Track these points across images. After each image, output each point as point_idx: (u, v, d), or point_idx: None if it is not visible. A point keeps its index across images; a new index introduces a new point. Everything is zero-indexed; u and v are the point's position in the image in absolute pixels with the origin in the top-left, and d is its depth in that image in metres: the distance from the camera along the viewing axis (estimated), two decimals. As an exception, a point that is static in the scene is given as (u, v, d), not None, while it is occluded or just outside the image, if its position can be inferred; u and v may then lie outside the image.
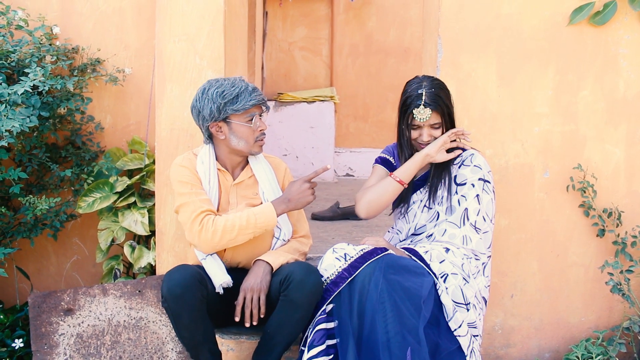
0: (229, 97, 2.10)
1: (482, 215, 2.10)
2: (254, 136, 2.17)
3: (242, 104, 2.11)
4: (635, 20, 2.47)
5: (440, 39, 2.45)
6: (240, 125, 2.14)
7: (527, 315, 2.56)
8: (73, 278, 3.02)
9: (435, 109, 2.09)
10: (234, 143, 2.17)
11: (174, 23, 2.50)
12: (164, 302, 2.02)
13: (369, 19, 5.29)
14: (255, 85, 2.18)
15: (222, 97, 2.11)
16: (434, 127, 2.12)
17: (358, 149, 5.31)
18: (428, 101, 2.07)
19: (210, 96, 2.12)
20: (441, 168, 2.16)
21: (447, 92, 2.16)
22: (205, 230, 2.09)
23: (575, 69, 2.49)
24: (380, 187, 2.18)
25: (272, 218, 2.13)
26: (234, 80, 2.15)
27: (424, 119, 2.09)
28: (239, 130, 2.15)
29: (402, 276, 1.95)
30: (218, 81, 2.16)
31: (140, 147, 2.84)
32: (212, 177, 2.21)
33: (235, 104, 2.11)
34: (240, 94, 2.11)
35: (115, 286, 2.26)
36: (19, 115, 2.38)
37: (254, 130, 2.15)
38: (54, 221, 2.78)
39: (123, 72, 2.86)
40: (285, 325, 2.06)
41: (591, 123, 2.51)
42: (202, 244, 2.11)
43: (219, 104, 2.11)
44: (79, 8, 2.89)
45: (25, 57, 2.65)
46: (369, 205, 2.19)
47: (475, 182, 2.11)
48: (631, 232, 2.51)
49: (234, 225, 2.09)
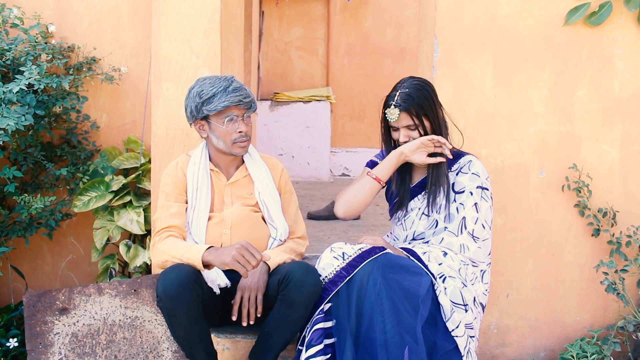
0: (205, 96, 2.10)
1: (480, 223, 2.08)
2: (231, 137, 2.14)
3: (215, 105, 2.09)
4: (630, 21, 2.48)
5: (437, 38, 2.46)
6: (217, 126, 2.14)
7: (523, 315, 2.57)
8: (68, 277, 3.01)
9: (405, 110, 2.05)
10: (214, 142, 2.18)
11: (170, 22, 2.49)
12: (159, 301, 2.02)
13: (365, 19, 5.30)
14: (242, 85, 2.15)
15: (199, 97, 2.11)
16: (410, 129, 2.10)
17: (354, 148, 5.31)
18: (399, 101, 2.05)
19: (191, 95, 2.14)
20: (438, 175, 2.12)
21: (427, 92, 2.09)
22: (155, 247, 2.15)
23: (571, 69, 2.50)
24: (358, 185, 2.17)
25: (197, 261, 2.03)
26: (216, 80, 2.13)
27: (392, 119, 2.08)
28: (217, 130, 2.15)
29: (400, 275, 1.95)
30: (204, 80, 2.15)
31: (136, 146, 2.83)
32: (202, 177, 2.20)
33: (209, 104, 2.10)
34: (217, 94, 2.09)
35: (110, 285, 2.26)
36: (14, 113, 2.37)
37: (229, 131, 2.13)
38: (49, 220, 2.77)
39: (119, 70, 2.85)
40: (283, 325, 2.05)
41: (587, 123, 2.52)
42: (153, 258, 2.19)
43: (197, 103, 2.12)
44: (74, 6, 2.88)
45: (20, 55, 2.64)
46: (346, 204, 2.16)
47: (474, 190, 2.10)
48: (626, 232, 2.52)
49: (171, 255, 2.08)
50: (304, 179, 5.01)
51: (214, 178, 2.24)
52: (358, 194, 2.16)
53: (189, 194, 2.22)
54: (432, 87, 2.13)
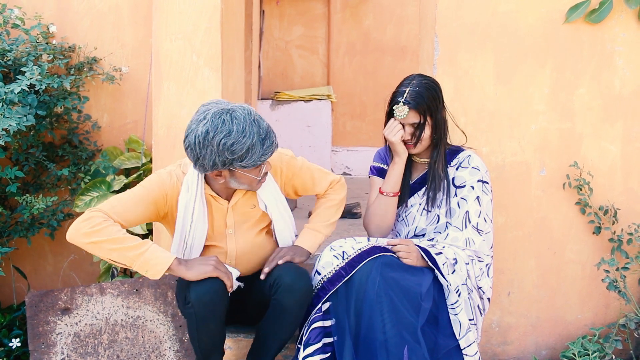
0: (238, 152, 1.80)
1: (483, 216, 2.10)
2: (257, 181, 1.96)
3: (254, 160, 1.83)
4: (631, 18, 2.47)
5: (437, 37, 2.46)
6: (243, 175, 1.90)
7: (524, 313, 2.57)
8: (70, 277, 3.02)
9: (414, 108, 2.06)
10: (233, 185, 1.96)
11: (171, 21, 2.49)
12: (190, 307, 1.92)
13: (365, 17, 5.29)
14: (270, 127, 1.89)
15: (231, 152, 1.80)
16: (414, 126, 2.10)
17: (355, 147, 5.31)
18: (409, 99, 2.06)
19: (215, 146, 1.79)
20: (437, 170, 2.13)
21: (435, 92, 2.10)
22: (90, 221, 1.84)
23: (571, 66, 2.50)
24: (380, 208, 2.18)
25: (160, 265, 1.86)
26: (245, 127, 1.80)
27: (401, 116, 2.08)
28: (242, 177, 1.92)
29: (399, 274, 1.95)
30: (224, 124, 1.79)
31: (137, 146, 2.84)
32: (199, 207, 1.99)
33: (245, 159, 1.83)
34: (253, 147, 1.81)
35: (112, 285, 2.26)
36: (15, 114, 2.38)
37: (256, 177, 1.93)
38: (51, 220, 2.78)
39: (120, 70, 2.86)
40: (276, 329, 2.05)
41: (587, 120, 2.52)
42: (73, 229, 1.86)
43: (226, 158, 1.81)
44: (75, 6, 2.89)
45: (21, 55, 2.64)
46: (380, 229, 2.20)
47: (475, 184, 2.11)
48: (627, 230, 2.52)
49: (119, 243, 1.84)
50: (305, 178, 5.00)
51: (213, 204, 2.05)
52: (385, 215, 2.18)
53: (178, 222, 2.01)
54: (440, 87, 2.14)
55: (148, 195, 1.97)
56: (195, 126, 1.83)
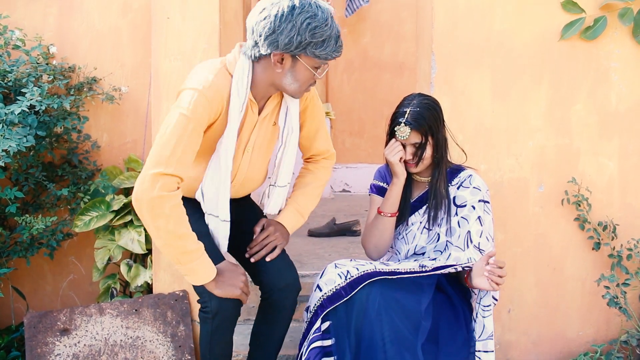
0: (318, 37, 1.75)
1: (485, 236, 2.10)
2: (308, 84, 1.86)
3: (327, 53, 1.77)
4: (625, 35, 2.50)
5: (434, 55, 2.48)
6: (304, 69, 1.80)
7: (525, 330, 2.56)
8: (69, 297, 3.01)
9: (416, 129, 2.07)
10: (285, 81, 1.84)
11: (170, 41, 2.51)
12: (213, 317, 1.92)
13: (363, 35, 5.33)
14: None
15: (312, 35, 1.74)
16: (416, 146, 2.12)
17: (354, 164, 5.32)
18: (410, 120, 2.07)
19: (298, 23, 1.73)
20: (439, 189, 2.14)
21: (436, 112, 2.11)
22: (160, 204, 1.73)
23: (567, 83, 2.51)
24: (378, 228, 2.19)
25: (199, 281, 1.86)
26: (327, 17, 1.76)
27: (403, 137, 2.09)
28: (300, 72, 1.82)
29: (399, 294, 1.95)
30: (311, 7, 1.75)
31: (137, 165, 2.85)
32: (241, 113, 1.85)
33: (319, 48, 1.76)
34: (330, 39, 1.76)
35: (111, 305, 2.26)
36: (15, 135, 2.39)
37: (314, 79, 1.85)
38: (50, 240, 2.77)
39: (119, 90, 2.88)
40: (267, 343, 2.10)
41: (584, 136, 2.53)
42: (146, 208, 1.74)
43: (303, 39, 1.74)
44: (75, 27, 2.92)
45: (22, 76, 2.66)
46: (377, 249, 2.21)
47: (476, 204, 2.11)
48: (626, 245, 2.52)
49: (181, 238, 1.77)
50: (304, 195, 5.00)
51: (248, 110, 1.91)
52: (383, 235, 2.19)
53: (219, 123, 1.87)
54: (440, 106, 2.15)
55: (200, 133, 1.82)
56: (279, 1, 1.76)
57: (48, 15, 2.91)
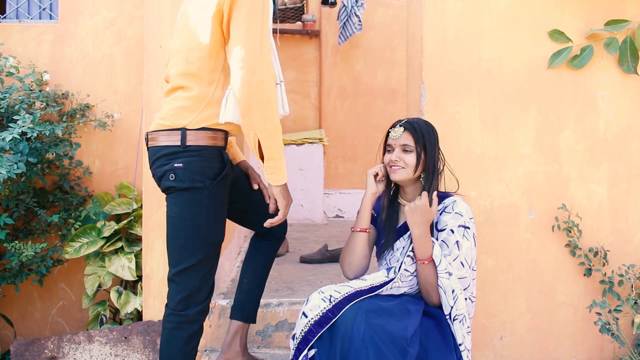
0: None
1: (459, 261, 2.09)
2: None
3: None
4: (611, 64, 2.54)
5: (424, 83, 2.51)
6: None
7: (517, 357, 2.54)
8: (59, 324, 2.98)
9: (410, 130, 2.10)
10: None
11: (162, 69, 2.54)
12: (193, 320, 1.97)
13: (356, 62, 5.40)
14: None
15: None
16: (405, 150, 2.13)
17: (347, 190, 5.33)
18: (406, 123, 2.12)
19: None
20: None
21: (433, 132, 2.15)
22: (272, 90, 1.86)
23: (556, 110, 2.54)
24: (350, 245, 2.22)
25: (282, 176, 2.00)
26: None
27: (395, 136, 2.12)
28: None
29: (384, 320, 1.94)
30: None
31: (129, 192, 2.85)
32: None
33: None
34: None
35: (100, 333, 2.23)
36: (6, 161, 2.39)
37: None
38: (39, 267, 2.76)
39: (112, 117, 2.89)
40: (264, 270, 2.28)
41: (573, 163, 2.55)
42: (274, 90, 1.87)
43: None
44: (69, 54, 2.94)
45: (15, 103, 2.67)
46: (351, 267, 2.22)
47: (455, 228, 2.11)
48: (617, 271, 2.52)
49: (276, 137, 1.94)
50: (297, 221, 5.00)
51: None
52: (354, 252, 2.20)
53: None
54: (436, 132, 2.18)
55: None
56: None
57: (42, 43, 2.94)
